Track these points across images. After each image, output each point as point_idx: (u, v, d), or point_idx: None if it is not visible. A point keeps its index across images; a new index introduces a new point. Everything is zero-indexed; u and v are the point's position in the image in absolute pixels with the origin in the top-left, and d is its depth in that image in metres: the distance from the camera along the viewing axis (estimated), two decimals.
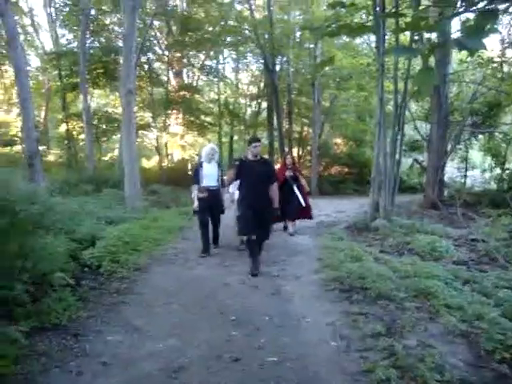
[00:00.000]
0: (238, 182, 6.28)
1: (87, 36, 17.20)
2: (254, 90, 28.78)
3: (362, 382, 3.09)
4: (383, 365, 3.23)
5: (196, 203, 7.03)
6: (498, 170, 15.89)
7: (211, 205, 7.03)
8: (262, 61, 21.52)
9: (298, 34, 20.82)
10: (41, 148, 13.63)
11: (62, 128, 21.89)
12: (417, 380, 3.03)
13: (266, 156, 21.12)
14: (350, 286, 5.14)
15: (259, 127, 26.09)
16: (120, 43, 14.80)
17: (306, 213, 9.19)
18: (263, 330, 4.02)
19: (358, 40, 20.09)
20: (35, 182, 8.70)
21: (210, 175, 7.02)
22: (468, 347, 3.63)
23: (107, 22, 19.60)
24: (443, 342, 3.72)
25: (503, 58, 11.84)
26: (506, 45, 11.36)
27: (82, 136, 19.80)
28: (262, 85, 26.63)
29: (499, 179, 15.28)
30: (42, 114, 23.81)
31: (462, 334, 3.82)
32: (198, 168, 7.17)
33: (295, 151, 23.46)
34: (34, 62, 30.47)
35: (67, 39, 20.67)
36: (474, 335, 3.77)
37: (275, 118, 21.40)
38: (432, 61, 12.14)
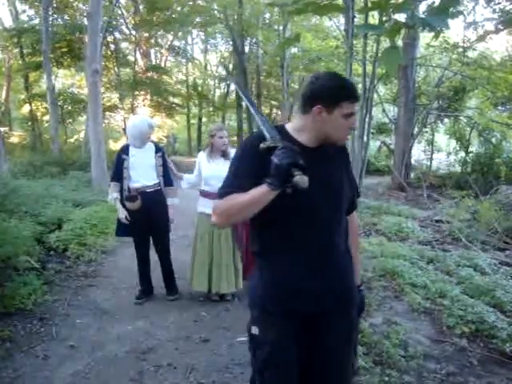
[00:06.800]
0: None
1: (50, 13, 16.52)
2: (222, 71, 28.55)
3: None
4: None
5: (122, 213, 4.16)
6: (462, 154, 16.24)
7: (151, 219, 4.16)
8: (231, 42, 21.28)
9: (267, 15, 20.64)
10: (2, 129, 13.18)
11: (25, 109, 21.20)
12: (382, 356, 3.11)
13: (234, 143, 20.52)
14: None
15: (228, 109, 25.91)
16: (85, 21, 14.28)
17: None
18: (233, 310, 4.05)
19: (327, 22, 20.06)
20: None
21: (143, 168, 4.15)
22: (431, 323, 3.75)
23: None
24: (408, 319, 3.83)
25: (466, 44, 12.03)
26: (466, 25, 11.50)
27: (47, 117, 19.20)
28: (230, 66, 26.43)
29: (463, 162, 15.64)
30: (3, 93, 22.97)
31: (425, 311, 3.95)
32: (120, 155, 4.18)
33: None
34: None
35: (28, 15, 19.86)
36: (437, 312, 3.90)
37: None
38: (401, 44, 12.24)
